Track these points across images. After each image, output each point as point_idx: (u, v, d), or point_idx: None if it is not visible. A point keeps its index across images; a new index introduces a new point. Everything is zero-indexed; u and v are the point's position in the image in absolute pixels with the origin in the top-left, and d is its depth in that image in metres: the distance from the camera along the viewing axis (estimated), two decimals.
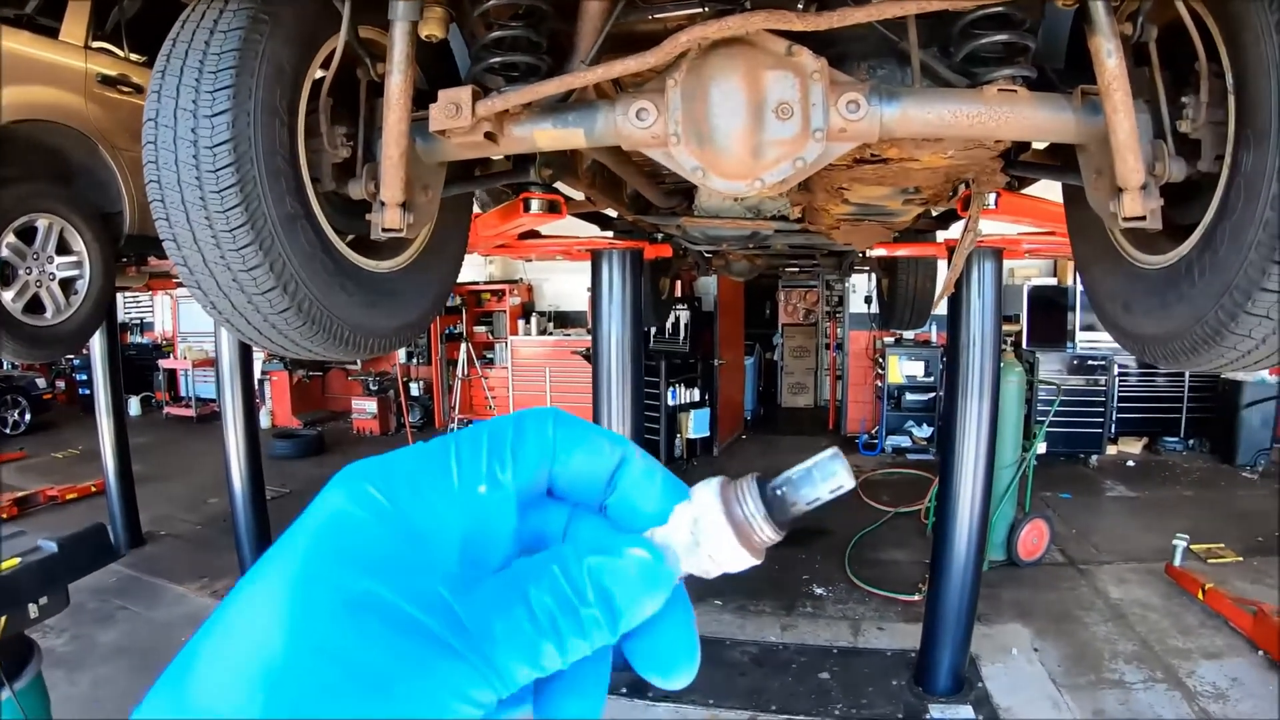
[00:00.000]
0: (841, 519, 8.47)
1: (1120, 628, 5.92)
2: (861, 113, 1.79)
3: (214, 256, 1.86)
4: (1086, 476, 10.33)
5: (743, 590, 6.58)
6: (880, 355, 12.08)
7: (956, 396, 4.67)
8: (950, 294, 4.72)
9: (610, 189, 3.57)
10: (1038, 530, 7.13)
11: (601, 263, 4.80)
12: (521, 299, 13.86)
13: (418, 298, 2.48)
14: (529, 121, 2.01)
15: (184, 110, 1.80)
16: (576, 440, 0.45)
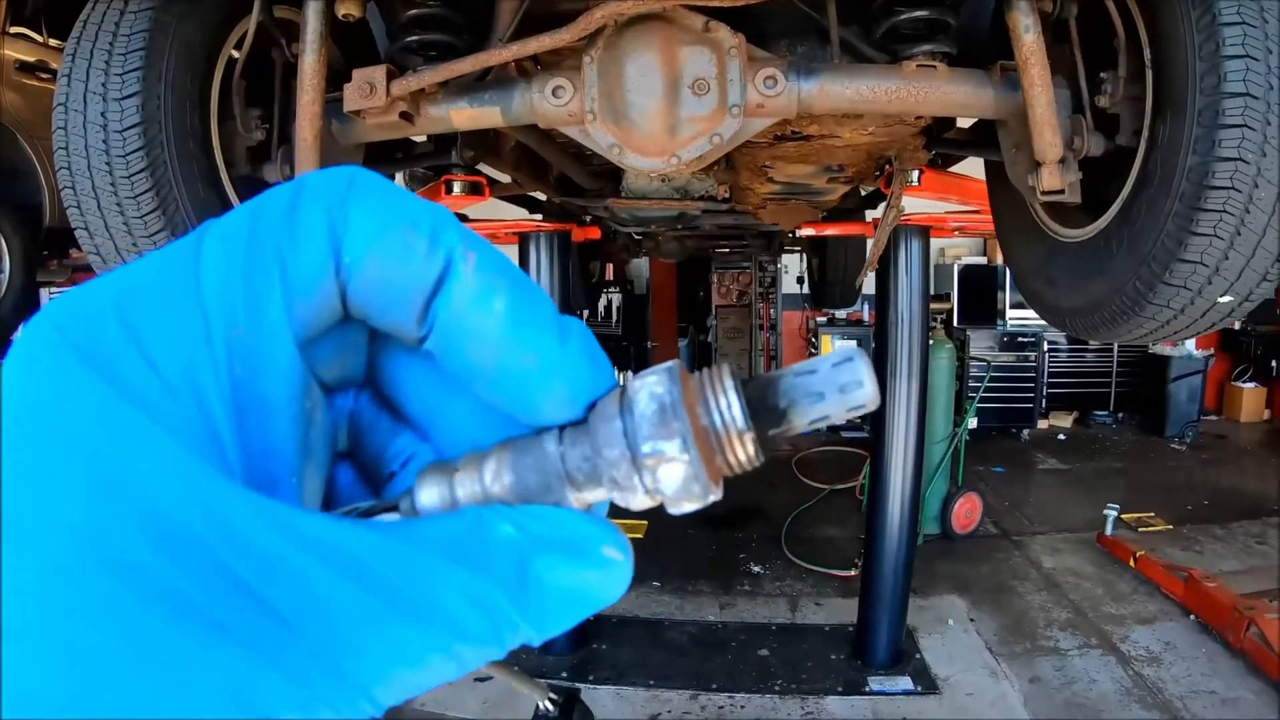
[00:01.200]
0: (777, 498, 8.50)
1: (1054, 596, 6.03)
2: (779, 88, 1.76)
3: (126, 244, 1.80)
4: (1019, 450, 10.51)
5: (679, 571, 6.60)
6: (813, 335, 12.14)
7: (886, 374, 4.70)
8: (877, 272, 4.76)
9: (536, 171, 3.51)
10: (971, 503, 7.24)
11: (529, 246, 4.74)
12: None
13: None
14: (445, 101, 1.95)
15: (94, 94, 1.73)
16: (372, 231, 0.28)
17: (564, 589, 0.27)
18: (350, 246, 0.28)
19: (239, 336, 0.27)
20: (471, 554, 0.26)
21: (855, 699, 4.76)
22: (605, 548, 0.28)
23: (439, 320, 0.29)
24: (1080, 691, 4.73)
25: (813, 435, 11.35)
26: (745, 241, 7.53)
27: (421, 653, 0.25)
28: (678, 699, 4.80)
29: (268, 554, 0.23)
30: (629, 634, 5.59)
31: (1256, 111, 1.57)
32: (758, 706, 4.71)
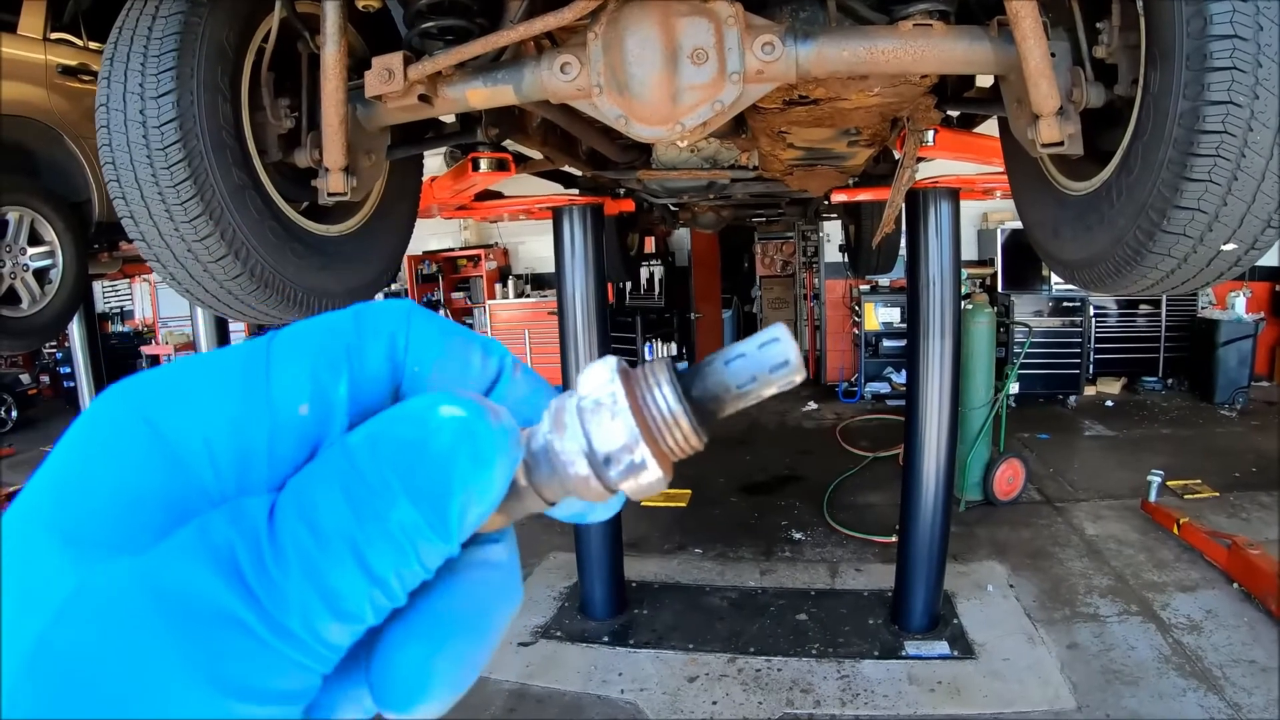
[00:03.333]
0: (820, 466, 8.58)
1: (1095, 563, 6.00)
2: (777, 54, 1.82)
3: (168, 229, 1.93)
4: (1065, 417, 10.41)
5: (721, 538, 6.70)
6: (857, 303, 12.11)
7: (918, 337, 4.74)
8: (908, 235, 4.78)
9: (565, 146, 3.60)
10: (1013, 469, 7.22)
11: (562, 220, 4.84)
12: (498, 263, 13.78)
13: (370, 259, 2.54)
14: (461, 82, 2.06)
15: (132, 93, 1.87)
16: (437, 345, 0.33)
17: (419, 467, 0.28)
18: (417, 359, 0.33)
19: (302, 417, 0.30)
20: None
21: (891, 663, 4.82)
22: (444, 408, 0.30)
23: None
24: (1118, 659, 4.72)
25: (856, 404, 11.36)
26: (781, 210, 7.53)
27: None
28: (716, 662, 4.90)
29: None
30: (669, 599, 5.72)
31: (1245, 54, 1.58)
32: (794, 669, 4.79)
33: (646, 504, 7.54)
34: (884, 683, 4.63)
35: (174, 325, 15.46)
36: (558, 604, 5.77)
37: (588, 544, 5.36)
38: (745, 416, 11.07)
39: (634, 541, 6.45)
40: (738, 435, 10.22)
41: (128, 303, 17.56)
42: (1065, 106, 1.87)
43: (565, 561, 5.98)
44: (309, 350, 0.31)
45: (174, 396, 0.30)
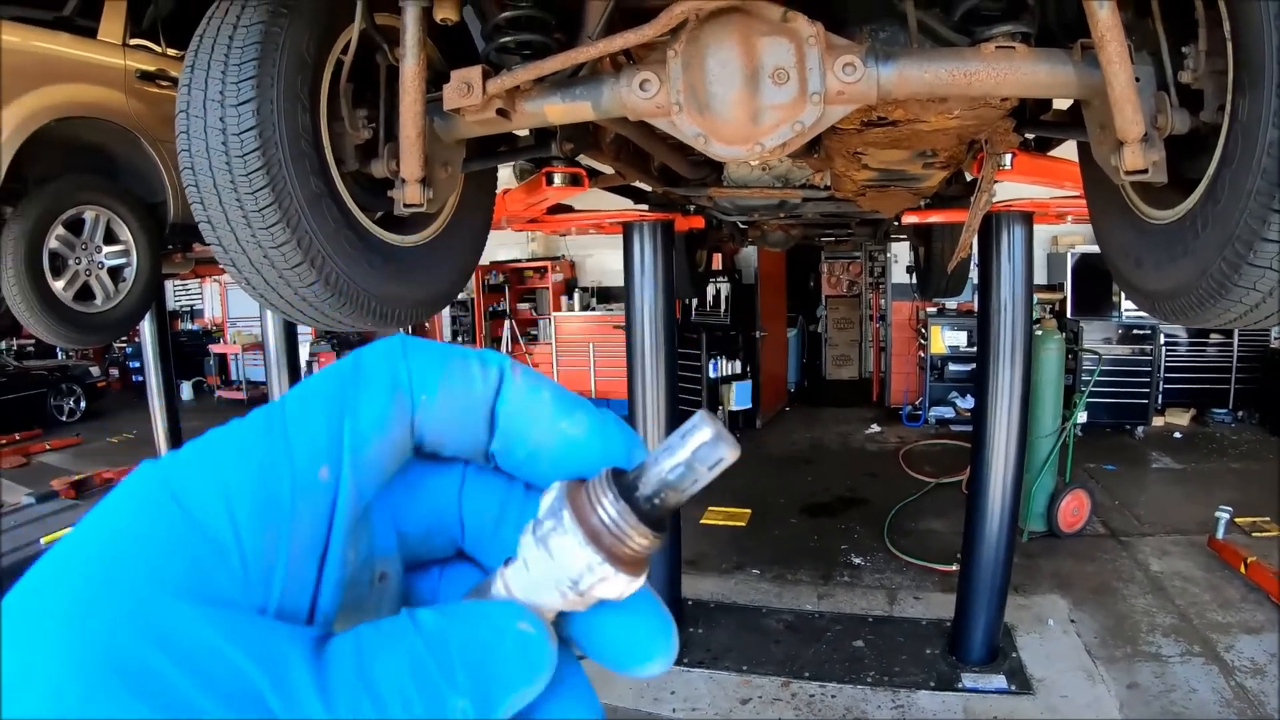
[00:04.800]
0: (882, 490, 8.48)
1: (1159, 600, 5.84)
2: (858, 75, 1.82)
3: (245, 235, 1.96)
4: (1132, 448, 10.16)
5: (780, 560, 6.65)
6: (923, 326, 11.97)
7: (988, 363, 4.66)
8: (980, 259, 4.71)
9: (637, 162, 3.62)
10: (1078, 501, 7.05)
11: (633, 235, 4.87)
12: (564, 275, 13.91)
13: (443, 270, 2.57)
14: (539, 97, 2.08)
15: (212, 101, 1.90)
16: (437, 367, 0.35)
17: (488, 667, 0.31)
18: (422, 386, 0.34)
19: (323, 480, 0.32)
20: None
21: (947, 695, 4.73)
22: (519, 623, 0.32)
23: (501, 419, 0.36)
24: (1178, 700, 4.59)
25: (920, 428, 11.21)
26: (850, 230, 7.46)
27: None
28: (769, 685, 4.85)
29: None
30: (725, 619, 5.69)
31: None
32: (848, 697, 4.73)
33: (706, 522, 7.55)
34: (939, 715, 4.56)
35: (242, 325, 15.93)
36: None
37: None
38: (808, 436, 11.06)
39: (692, 559, 6.44)
40: (801, 455, 10.18)
41: (197, 302, 18.09)
42: (1149, 133, 1.82)
43: None
44: (320, 407, 0.33)
45: (201, 472, 0.31)
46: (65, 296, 4.37)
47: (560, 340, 13.52)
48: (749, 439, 11.16)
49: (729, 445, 0.33)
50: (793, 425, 12.02)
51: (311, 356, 14.35)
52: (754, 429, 11.66)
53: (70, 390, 14.26)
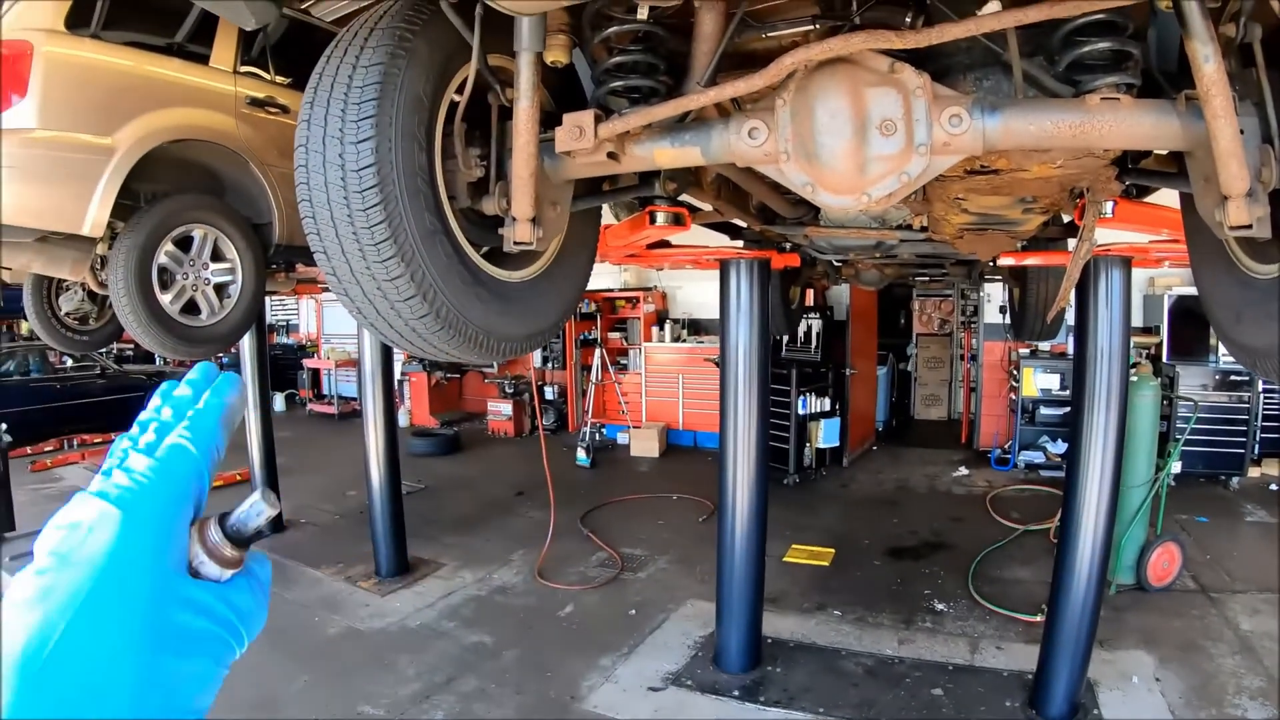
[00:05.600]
0: (968, 534, 8.31)
1: (1248, 661, 5.60)
2: (964, 126, 1.84)
3: (360, 267, 2.03)
4: (1225, 499, 9.71)
5: (862, 601, 6.58)
6: (1015, 367, 11.69)
7: (1082, 410, 4.57)
8: (1077, 303, 4.63)
9: (736, 200, 3.68)
10: (1169, 554, 6.79)
11: (729, 272, 4.92)
12: (655, 306, 14.05)
13: (548, 305, 2.62)
14: (649, 141, 2.15)
15: (332, 137, 1.97)
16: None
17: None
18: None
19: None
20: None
21: None
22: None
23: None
24: None
25: (1009, 472, 10.94)
26: (944, 270, 7.42)
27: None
28: None
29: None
30: (804, 659, 5.65)
31: None
32: None
33: (789, 560, 7.51)
34: None
35: (336, 342, 16.45)
36: (691, 652, 5.79)
37: (729, 594, 5.37)
38: (894, 477, 10.93)
39: (774, 597, 6.39)
40: (887, 495, 10.03)
41: (294, 317, 18.71)
42: (1254, 187, 1.80)
43: (703, 610, 6.01)
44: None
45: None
46: (172, 310, 4.56)
47: (650, 370, 13.63)
48: (835, 477, 11.08)
49: (270, 504, 0.63)
50: (880, 464, 11.84)
51: (403, 376, 14.74)
52: (840, 467, 11.54)
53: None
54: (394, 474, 7.38)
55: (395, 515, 7.35)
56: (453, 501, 9.96)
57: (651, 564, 7.70)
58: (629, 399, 13.65)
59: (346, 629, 6.31)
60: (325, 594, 7.00)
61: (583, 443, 11.91)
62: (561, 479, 10.08)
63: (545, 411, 14.10)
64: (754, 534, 5.31)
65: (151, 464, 0.62)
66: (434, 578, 7.33)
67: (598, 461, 11.87)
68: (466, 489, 10.58)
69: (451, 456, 12.53)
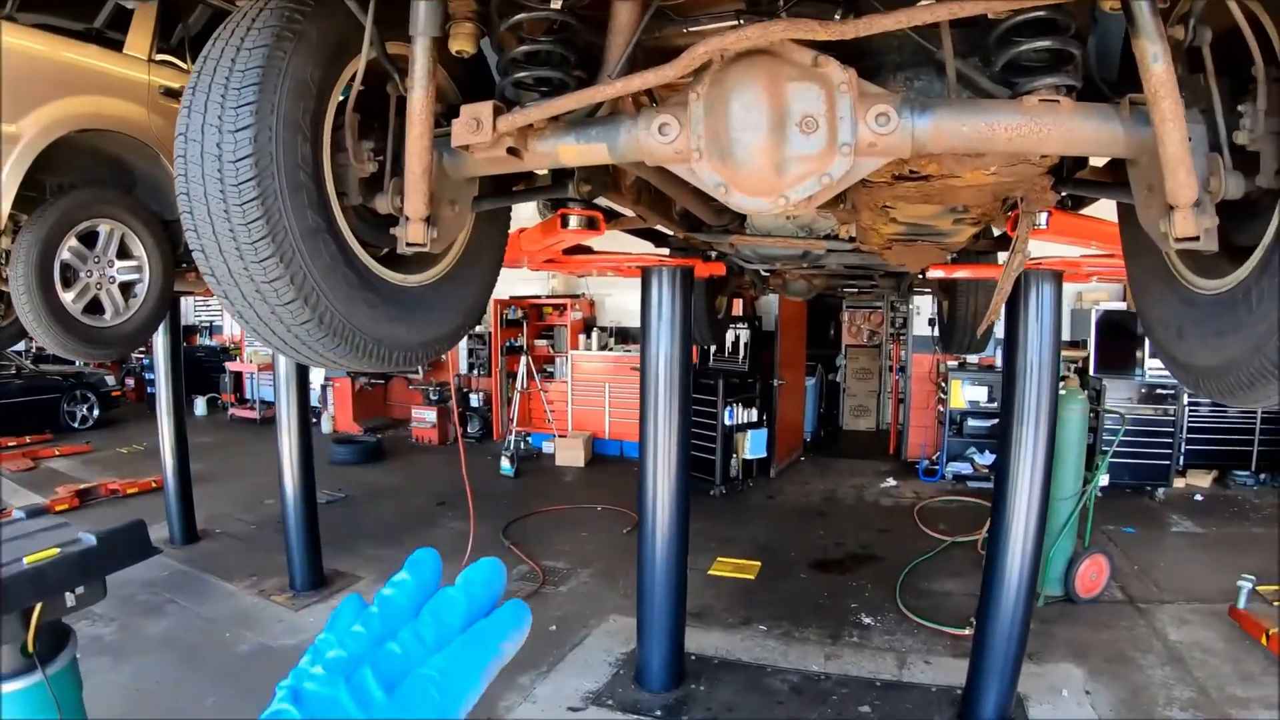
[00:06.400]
0: (895, 547, 8.31)
1: (1178, 671, 5.65)
2: (891, 126, 1.69)
3: (238, 268, 1.86)
4: (1151, 510, 9.93)
5: (789, 616, 6.48)
6: (943, 379, 11.82)
7: (1012, 424, 4.52)
8: (1006, 317, 4.58)
9: (658, 206, 3.52)
10: (1097, 566, 6.86)
11: (651, 280, 4.77)
12: (583, 314, 13.88)
13: (447, 312, 2.44)
14: (552, 137, 1.98)
15: (210, 125, 1.80)
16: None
17: None
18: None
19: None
20: None
21: None
22: None
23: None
24: None
25: (936, 483, 11.01)
26: (873, 282, 7.34)
27: None
28: None
29: None
30: (729, 677, 5.52)
31: None
32: None
33: (714, 573, 7.41)
34: None
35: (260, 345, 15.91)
36: (613, 670, 5.63)
37: (650, 610, 5.20)
38: (822, 488, 10.91)
39: (698, 612, 6.28)
40: (814, 507, 10.01)
41: (217, 318, 18.21)
42: (1201, 197, 1.70)
43: (625, 626, 5.79)
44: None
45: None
46: (74, 309, 4.33)
47: (576, 379, 13.46)
48: (762, 488, 11.01)
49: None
50: (807, 475, 11.81)
51: (326, 381, 14.37)
52: (767, 478, 11.46)
53: (84, 397, 14.36)
54: (309, 483, 7.15)
55: (310, 526, 7.09)
56: (373, 511, 9.68)
57: (574, 577, 7.52)
58: (555, 407, 13.48)
59: (258, 646, 6.02)
60: (238, 608, 6.71)
61: (507, 452, 11.71)
62: (484, 489, 9.94)
63: (470, 419, 13.98)
64: (675, 548, 5.15)
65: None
66: (351, 590, 6.99)
67: (522, 471, 11.66)
68: (388, 498, 10.29)
69: (374, 464, 12.24)
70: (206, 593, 6.98)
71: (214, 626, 6.29)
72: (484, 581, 0.62)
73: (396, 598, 0.60)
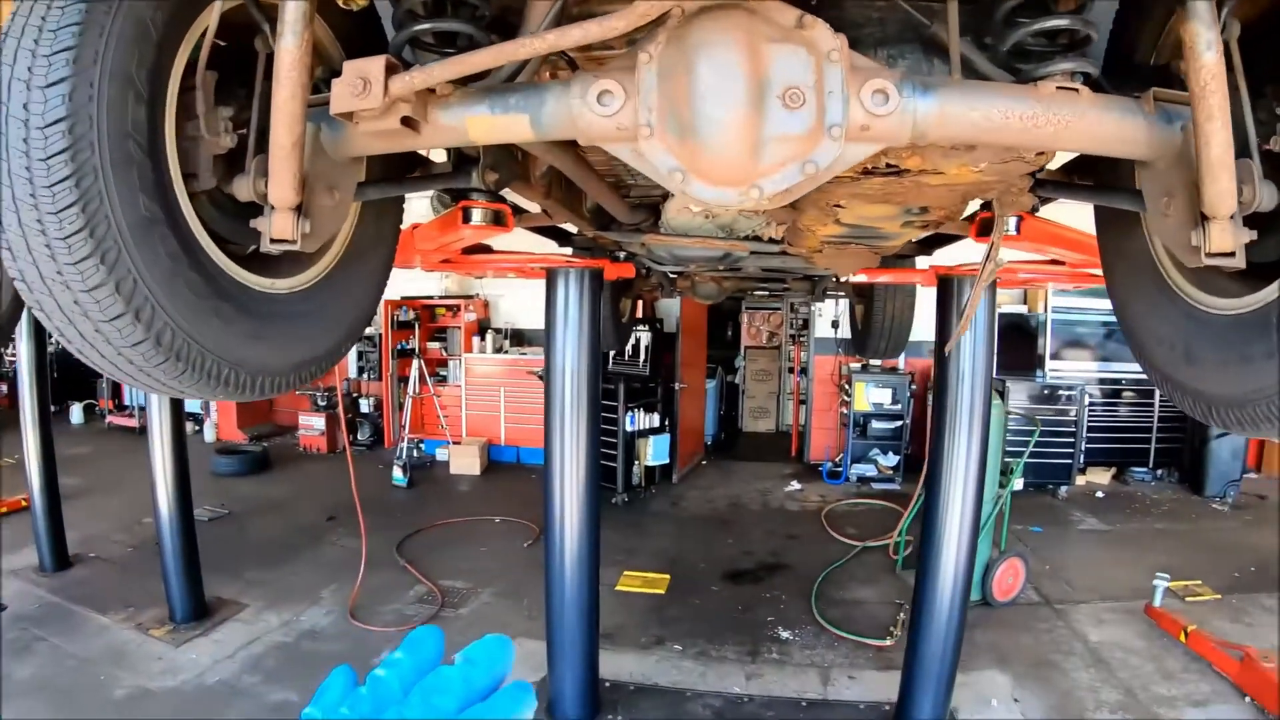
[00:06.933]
0: (806, 554, 8.14)
1: (1102, 674, 5.65)
2: (890, 106, 1.36)
3: (50, 271, 1.37)
4: (1055, 508, 10.12)
5: (703, 633, 6.20)
6: (846, 381, 11.77)
7: (944, 433, 4.33)
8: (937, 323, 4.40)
9: (569, 201, 3.14)
10: (1014, 569, 6.84)
11: (557, 282, 4.36)
12: (478, 315, 13.30)
13: (324, 327, 1.98)
14: (461, 105, 1.56)
15: (18, 80, 1.31)
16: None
17: None
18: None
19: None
20: None
21: None
22: None
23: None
24: None
25: (841, 485, 10.96)
26: (786, 285, 6.99)
27: None
28: None
29: None
30: (647, 703, 5.21)
31: None
32: None
33: (621, 589, 7.07)
34: None
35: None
36: None
37: (560, 635, 4.78)
38: (726, 494, 10.69)
39: (609, 632, 5.92)
40: (720, 514, 9.78)
41: None
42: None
43: (533, 652, 5.29)
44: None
45: None
46: None
47: (470, 383, 12.88)
48: (665, 495, 10.71)
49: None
50: (711, 480, 11.55)
51: None
52: (670, 483, 11.15)
53: None
54: (185, 502, 6.49)
55: (188, 551, 6.44)
56: (259, 529, 8.94)
57: (474, 598, 7.06)
58: (449, 413, 12.83)
59: (136, 689, 5.40)
60: (113, 645, 6.03)
61: (399, 461, 11.10)
62: (377, 501, 9.45)
63: (361, 426, 13.31)
64: (586, 567, 4.74)
65: None
66: (235, 621, 6.45)
67: (416, 480, 11.05)
68: (275, 513, 9.53)
69: (259, 476, 11.40)
70: (79, 628, 6.29)
71: (88, 668, 5.65)
72: (485, 661, 0.63)
73: (389, 680, 0.60)
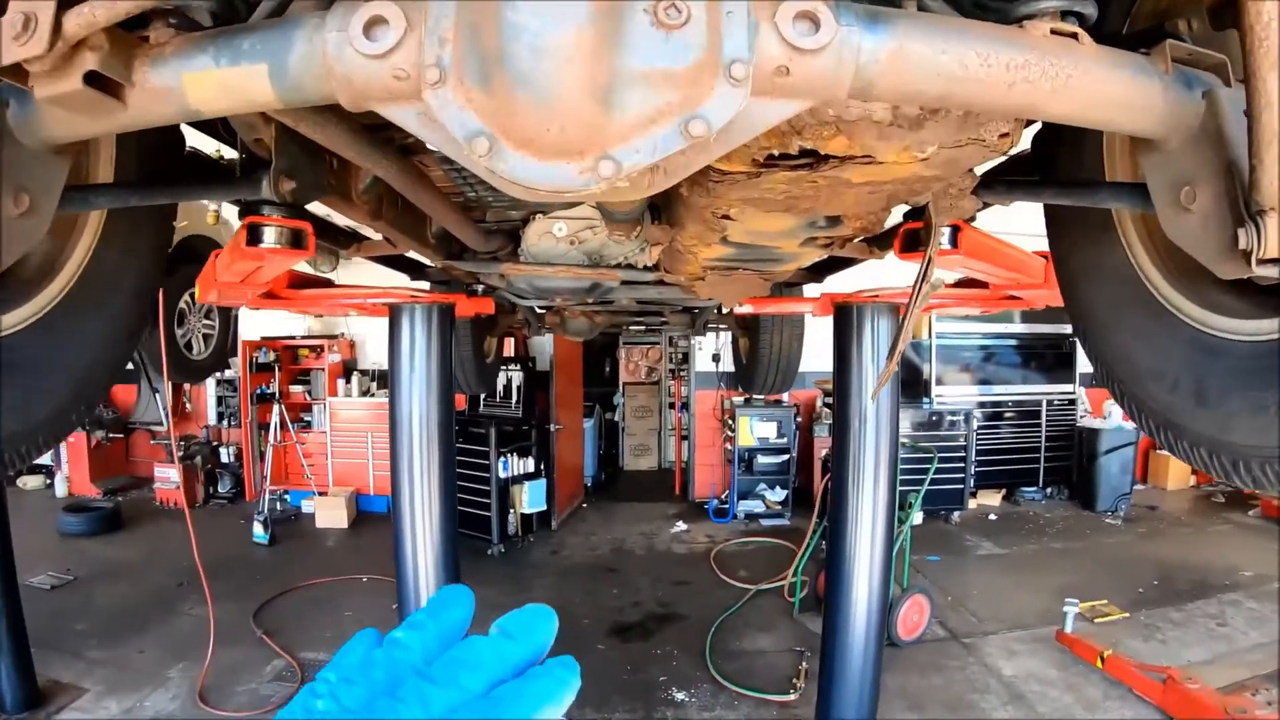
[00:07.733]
0: (696, 600, 7.69)
1: (1021, 709, 5.44)
2: (822, 38, 0.85)
3: None
4: (950, 534, 10.06)
5: (590, 699, 5.65)
6: (730, 416, 11.48)
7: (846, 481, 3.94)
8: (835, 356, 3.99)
9: (407, 225, 2.55)
10: (918, 606, 6.59)
11: (401, 320, 3.72)
12: (343, 356, 12.39)
13: (43, 382, 1.44)
14: (176, 57, 1.02)
15: None
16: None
17: None
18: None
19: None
20: None
21: None
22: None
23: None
24: None
25: (729, 524, 10.64)
26: (664, 319, 6.49)
27: None
28: None
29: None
30: None
31: None
32: None
33: None
34: None
35: None
36: None
37: None
38: (609, 539, 10.20)
39: None
40: (603, 562, 9.26)
41: None
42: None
43: None
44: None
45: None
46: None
47: (336, 429, 11.97)
48: (544, 543, 10.13)
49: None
50: (592, 525, 11.01)
51: None
52: (549, 530, 10.58)
53: None
54: (10, 579, 5.71)
55: (16, 632, 5.62)
56: (105, 597, 7.90)
57: None
58: (313, 461, 11.90)
59: None
60: None
61: (259, 516, 10.12)
62: (236, 561, 8.72)
63: (220, 477, 12.20)
64: None
65: None
66: (72, 710, 5.63)
67: (279, 536, 10.09)
68: (124, 579, 8.47)
69: (110, 535, 10.23)
70: None
71: None
72: (523, 632, 0.57)
73: (409, 643, 0.54)
